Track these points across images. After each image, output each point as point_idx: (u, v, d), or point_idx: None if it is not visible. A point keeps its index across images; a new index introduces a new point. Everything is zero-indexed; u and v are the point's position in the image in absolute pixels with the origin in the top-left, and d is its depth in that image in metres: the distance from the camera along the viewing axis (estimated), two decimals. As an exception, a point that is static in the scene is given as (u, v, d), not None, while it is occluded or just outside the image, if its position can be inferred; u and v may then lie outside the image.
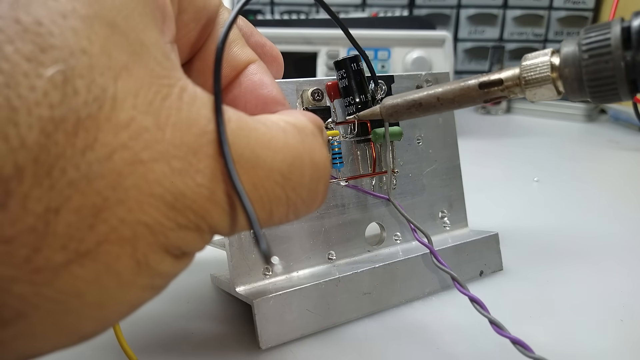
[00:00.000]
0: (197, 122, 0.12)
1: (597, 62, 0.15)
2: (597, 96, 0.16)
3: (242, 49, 0.18)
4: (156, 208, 0.11)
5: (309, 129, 0.15)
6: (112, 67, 0.11)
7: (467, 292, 0.21)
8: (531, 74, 0.17)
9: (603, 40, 0.15)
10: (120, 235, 0.11)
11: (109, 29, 0.11)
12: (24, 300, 0.10)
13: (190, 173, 0.12)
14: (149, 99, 0.11)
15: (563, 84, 0.17)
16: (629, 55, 0.15)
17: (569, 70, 0.16)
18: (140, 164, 0.11)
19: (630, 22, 0.15)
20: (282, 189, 0.13)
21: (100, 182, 0.10)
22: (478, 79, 0.19)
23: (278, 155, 0.13)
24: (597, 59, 0.15)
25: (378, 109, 0.22)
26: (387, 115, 0.22)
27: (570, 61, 0.16)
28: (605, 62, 0.15)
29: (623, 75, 0.15)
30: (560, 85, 0.17)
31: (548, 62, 0.17)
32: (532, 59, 0.17)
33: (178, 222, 0.11)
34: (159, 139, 0.11)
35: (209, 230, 0.12)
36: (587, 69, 0.16)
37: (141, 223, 0.11)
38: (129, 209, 0.11)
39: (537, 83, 0.17)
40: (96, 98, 0.10)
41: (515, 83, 0.18)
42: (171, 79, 0.12)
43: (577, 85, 0.16)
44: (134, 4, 0.12)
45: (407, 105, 0.21)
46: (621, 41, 0.15)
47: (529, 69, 0.17)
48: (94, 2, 0.11)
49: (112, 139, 0.11)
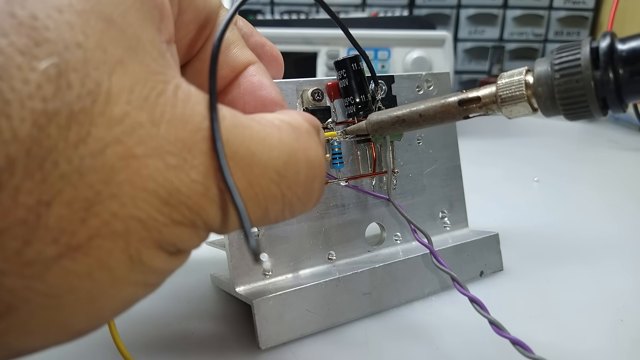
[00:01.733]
0: (191, 119, 0.12)
1: (568, 82, 0.16)
2: (569, 113, 0.17)
3: (241, 50, 0.18)
4: (150, 203, 0.11)
5: (304, 127, 0.15)
6: (107, 61, 0.11)
7: (467, 293, 0.21)
8: (507, 92, 0.18)
9: (573, 60, 0.16)
10: (112, 230, 0.11)
11: (105, 24, 0.11)
12: (14, 293, 0.10)
13: (185, 169, 0.12)
14: (144, 95, 0.11)
15: (537, 101, 0.17)
16: (598, 74, 0.15)
17: (542, 89, 0.17)
18: (133, 158, 0.11)
19: (598, 43, 0.16)
20: (277, 187, 0.13)
21: (93, 175, 0.10)
22: (458, 96, 0.19)
23: (273, 152, 0.13)
24: (568, 78, 0.16)
25: (364, 125, 0.23)
26: (372, 130, 0.23)
27: (543, 80, 0.17)
28: (576, 81, 0.16)
29: (593, 94, 0.16)
30: (534, 102, 0.17)
31: (523, 81, 0.18)
32: (507, 77, 0.18)
33: (172, 217, 0.11)
34: (153, 134, 0.11)
35: (204, 227, 0.12)
36: (559, 87, 0.16)
37: (134, 218, 0.11)
38: (122, 204, 0.11)
39: (512, 101, 0.18)
40: (90, 92, 0.10)
41: (492, 100, 0.19)
42: (166, 76, 0.12)
43: (551, 103, 0.17)
44: (132, 1, 0.12)
45: (391, 122, 0.22)
46: (590, 61, 0.16)
47: (504, 87, 0.18)
48: None
49: (105, 133, 0.11)
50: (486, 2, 0.88)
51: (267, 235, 0.23)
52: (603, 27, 0.89)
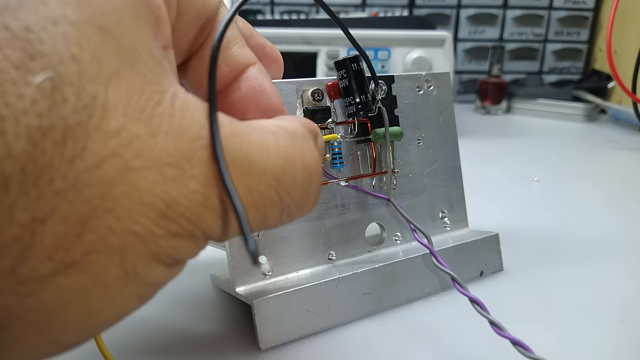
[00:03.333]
0: (190, 128, 0.12)
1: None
2: None
3: (241, 49, 0.18)
4: (147, 216, 0.11)
5: (299, 132, 0.15)
6: (103, 73, 0.11)
7: (467, 293, 0.21)
8: None
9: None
10: (108, 245, 0.11)
11: (100, 35, 0.11)
12: (7, 310, 0.10)
13: (184, 180, 0.11)
14: (140, 106, 0.11)
15: None
16: None
17: None
18: (130, 172, 0.11)
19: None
20: (275, 192, 0.13)
21: (89, 191, 0.10)
22: None
23: (271, 158, 0.13)
24: None
25: None
26: None
27: None
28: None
29: None
30: None
31: None
32: None
33: (170, 230, 0.11)
34: (150, 146, 0.11)
35: (203, 236, 0.12)
36: None
37: (131, 232, 0.11)
38: (118, 218, 0.11)
39: None
40: (86, 106, 0.10)
41: None
42: (163, 85, 0.12)
43: None
44: (127, 8, 0.12)
45: None
46: None
47: None
48: (85, 7, 0.11)
49: (101, 147, 0.10)
50: (486, 2, 0.88)
51: (267, 236, 0.23)
52: (603, 27, 0.89)
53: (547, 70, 0.92)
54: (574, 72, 0.92)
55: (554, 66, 0.92)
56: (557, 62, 0.92)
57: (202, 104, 0.13)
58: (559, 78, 0.91)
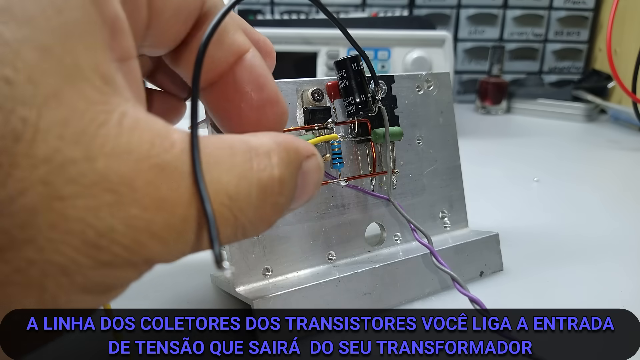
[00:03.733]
0: (138, 148, 0.11)
1: None
2: None
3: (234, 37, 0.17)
4: (72, 247, 0.10)
5: (263, 148, 0.14)
6: (38, 95, 0.10)
7: (467, 293, 0.21)
8: None
9: None
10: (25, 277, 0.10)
11: (39, 54, 0.10)
12: None
13: (124, 204, 0.11)
14: (80, 128, 0.10)
15: None
16: None
17: None
18: (58, 200, 0.10)
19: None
20: (229, 211, 0.13)
21: (7, 220, 0.10)
22: None
23: (224, 176, 0.13)
24: None
25: None
26: None
27: None
28: None
29: None
30: None
31: None
32: None
33: (100, 259, 0.11)
34: (86, 171, 0.10)
35: (145, 262, 0.12)
36: None
37: (52, 263, 0.10)
38: (39, 249, 0.10)
39: None
40: (13, 130, 0.10)
41: None
42: (110, 105, 0.11)
43: None
44: (73, 24, 0.11)
45: None
46: None
47: None
48: (24, 25, 0.10)
49: (27, 174, 0.10)
50: (486, 2, 0.88)
51: (267, 236, 0.23)
52: (603, 27, 0.89)
53: (547, 70, 0.92)
54: (574, 72, 0.92)
55: (554, 66, 0.92)
56: (557, 62, 0.92)
57: (157, 122, 0.12)
58: (559, 78, 0.91)
